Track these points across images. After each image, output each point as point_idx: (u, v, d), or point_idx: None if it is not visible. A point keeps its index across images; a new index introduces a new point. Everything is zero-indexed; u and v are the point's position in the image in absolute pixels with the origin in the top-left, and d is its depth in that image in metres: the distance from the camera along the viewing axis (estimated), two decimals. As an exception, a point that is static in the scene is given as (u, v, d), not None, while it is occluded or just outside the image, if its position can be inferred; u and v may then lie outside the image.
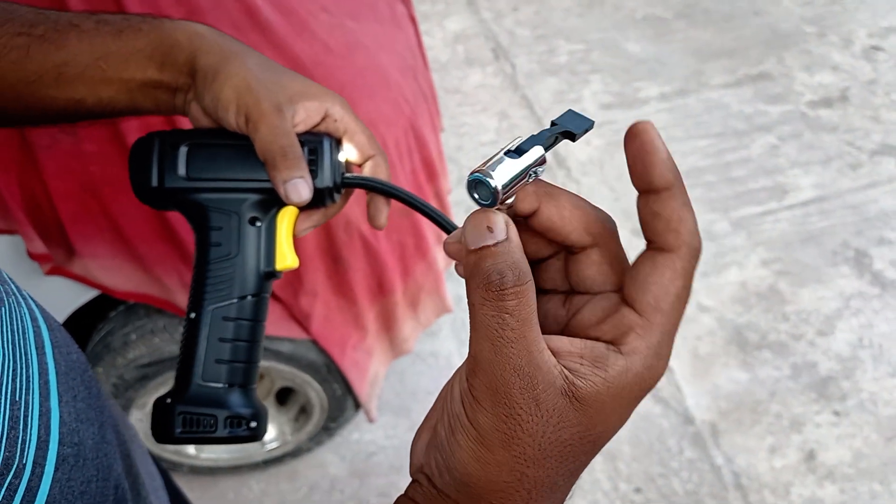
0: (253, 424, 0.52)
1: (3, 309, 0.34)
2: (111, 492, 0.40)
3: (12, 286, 0.37)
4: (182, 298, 1.19)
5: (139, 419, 1.43)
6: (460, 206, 2.10)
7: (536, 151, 0.30)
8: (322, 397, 1.44)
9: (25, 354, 0.35)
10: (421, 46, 1.43)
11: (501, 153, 0.30)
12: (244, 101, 0.48)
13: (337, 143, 0.53)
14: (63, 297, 1.22)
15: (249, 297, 0.52)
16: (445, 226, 0.47)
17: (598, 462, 1.68)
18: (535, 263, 0.35)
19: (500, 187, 0.29)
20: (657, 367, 0.30)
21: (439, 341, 1.87)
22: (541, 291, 0.35)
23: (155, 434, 0.52)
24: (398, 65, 1.24)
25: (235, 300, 0.51)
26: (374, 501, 1.63)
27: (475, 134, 2.47)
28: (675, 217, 0.29)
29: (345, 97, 0.54)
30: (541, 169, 0.31)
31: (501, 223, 0.30)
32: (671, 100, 2.59)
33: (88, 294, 1.22)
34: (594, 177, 2.30)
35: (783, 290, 2.00)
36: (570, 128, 0.32)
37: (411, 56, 1.32)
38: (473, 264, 0.30)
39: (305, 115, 0.51)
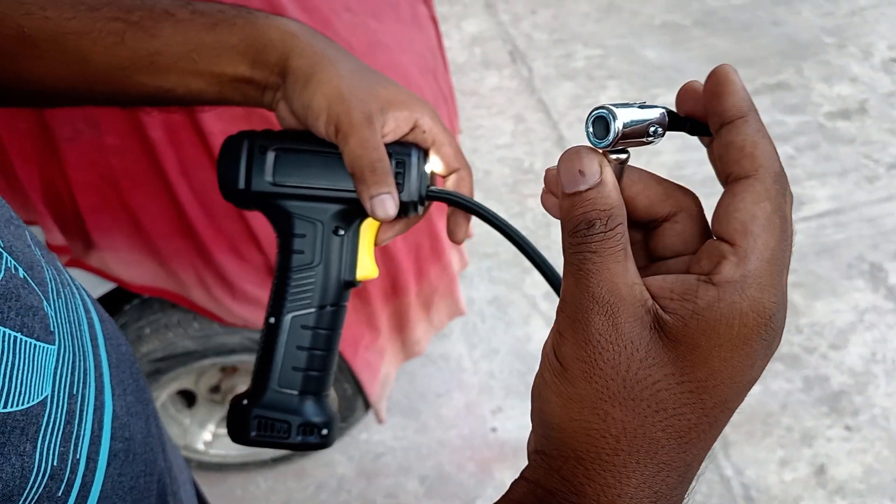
0: (325, 432, 0.53)
1: (60, 301, 0.34)
2: (155, 486, 0.40)
3: (67, 276, 0.37)
4: (197, 294, 1.19)
5: (150, 413, 1.43)
6: (474, 209, 2.09)
7: (659, 110, 0.30)
8: (332, 396, 1.44)
9: (82, 347, 0.34)
10: (441, 48, 1.43)
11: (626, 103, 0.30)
12: (335, 111, 0.48)
13: (424, 154, 0.53)
14: (79, 289, 1.22)
15: (328, 307, 0.52)
16: (531, 254, 0.46)
17: (606, 469, 1.67)
18: None
19: (621, 126, 0.29)
20: (761, 300, 0.27)
21: (450, 344, 1.87)
22: None
23: (231, 434, 0.53)
24: (419, 65, 1.24)
25: (315, 309, 0.52)
26: (380, 502, 1.63)
27: (491, 137, 2.47)
28: (748, 142, 0.29)
29: None
30: (660, 130, 0.30)
31: (595, 165, 0.29)
32: (688, 108, 2.57)
33: (104, 287, 1.22)
34: (609, 183, 2.30)
35: (797, 302, 1.99)
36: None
37: (432, 57, 1.32)
38: (566, 210, 0.30)
39: (395, 125, 0.51)
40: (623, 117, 0.29)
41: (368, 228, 0.53)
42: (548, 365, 0.30)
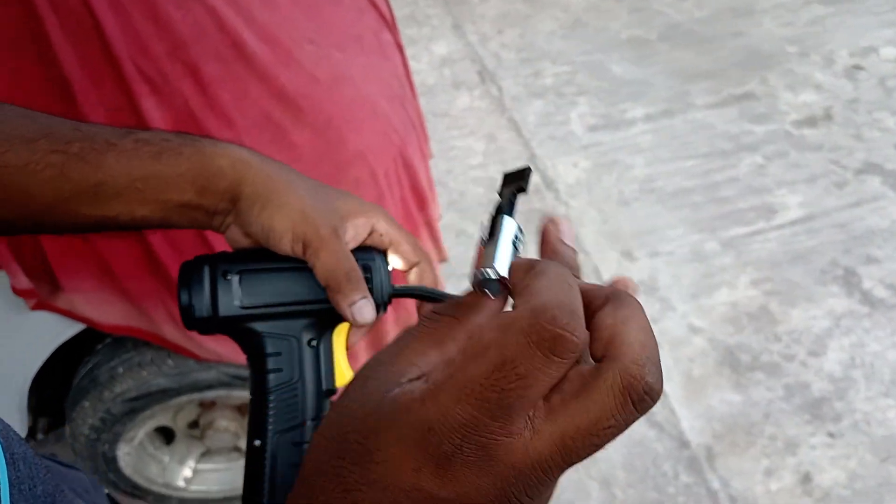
0: None
1: None
2: None
3: None
4: (169, 330, 1.18)
5: (127, 453, 1.40)
6: (450, 231, 2.10)
7: (510, 224, 0.32)
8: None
9: None
10: (408, 74, 1.43)
11: (483, 246, 0.32)
12: (301, 230, 0.49)
13: (384, 255, 0.54)
14: (49, 332, 1.20)
15: (309, 422, 0.51)
16: None
17: (594, 489, 1.66)
18: None
19: (504, 275, 0.31)
20: (436, 396, 0.27)
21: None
22: None
23: None
24: (386, 94, 1.24)
25: (310, 421, 0.51)
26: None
27: (464, 157, 2.47)
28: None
29: (332, 129, 0.55)
30: (522, 236, 0.33)
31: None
32: (657, 120, 2.60)
33: (74, 328, 1.20)
34: (582, 199, 2.31)
35: (774, 311, 2.00)
36: (518, 184, 0.34)
37: (399, 85, 1.32)
38: None
39: (355, 233, 0.53)
40: (502, 269, 0.31)
41: (339, 335, 0.54)
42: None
